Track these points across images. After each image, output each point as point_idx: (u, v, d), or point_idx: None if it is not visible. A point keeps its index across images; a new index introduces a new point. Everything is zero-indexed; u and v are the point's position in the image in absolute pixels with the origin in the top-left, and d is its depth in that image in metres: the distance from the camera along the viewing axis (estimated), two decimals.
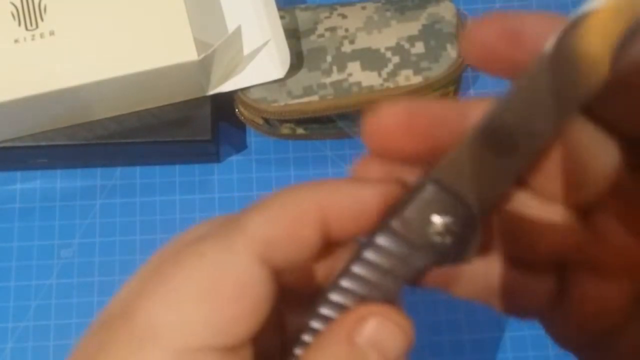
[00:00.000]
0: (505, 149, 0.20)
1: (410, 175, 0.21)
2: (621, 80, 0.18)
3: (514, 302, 0.23)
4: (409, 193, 0.20)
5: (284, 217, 0.20)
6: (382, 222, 0.20)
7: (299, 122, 0.48)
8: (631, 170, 0.20)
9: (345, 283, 0.20)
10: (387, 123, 0.20)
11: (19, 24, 0.44)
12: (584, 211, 0.21)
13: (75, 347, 0.20)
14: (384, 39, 0.47)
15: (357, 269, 0.20)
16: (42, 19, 0.44)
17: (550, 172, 0.20)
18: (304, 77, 0.46)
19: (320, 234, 0.20)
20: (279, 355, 0.22)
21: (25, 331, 0.47)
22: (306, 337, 0.21)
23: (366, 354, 0.19)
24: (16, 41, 0.43)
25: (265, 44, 0.47)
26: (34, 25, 0.44)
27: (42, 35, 0.43)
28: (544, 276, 0.22)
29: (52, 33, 0.44)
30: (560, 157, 0.20)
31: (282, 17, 0.47)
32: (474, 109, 0.21)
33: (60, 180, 0.50)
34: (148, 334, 0.19)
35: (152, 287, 0.19)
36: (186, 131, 0.46)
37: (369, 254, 0.20)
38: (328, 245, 0.21)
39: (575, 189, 0.20)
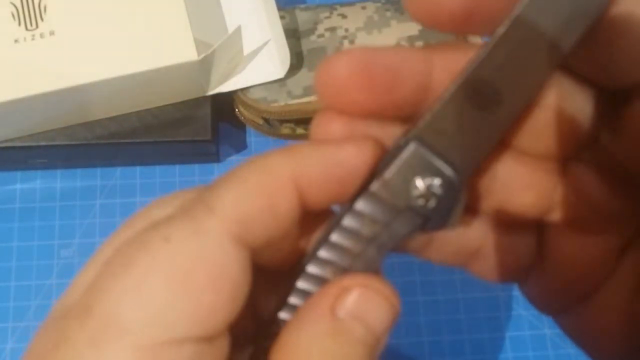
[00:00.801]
0: (490, 103, 0.18)
1: (378, 132, 0.19)
2: (602, 34, 0.18)
3: (493, 265, 0.21)
4: (389, 154, 0.19)
5: (255, 190, 0.18)
6: (362, 186, 0.19)
7: (299, 122, 0.48)
8: (607, 122, 0.19)
9: (323, 254, 0.19)
10: (340, 74, 0.18)
11: (19, 24, 0.44)
12: (563, 165, 0.20)
13: (29, 344, 0.18)
14: (384, 39, 0.46)
15: (335, 237, 0.19)
16: (42, 19, 0.44)
17: (528, 126, 0.19)
18: (304, 77, 0.46)
19: (297, 205, 0.18)
20: (252, 338, 0.20)
21: (25, 331, 0.47)
22: (283, 315, 0.19)
23: (351, 328, 0.18)
24: (16, 41, 0.43)
25: (265, 44, 0.46)
26: (34, 25, 0.44)
27: (42, 35, 0.43)
28: (523, 237, 0.21)
29: (52, 33, 0.43)
30: (538, 110, 0.19)
31: (282, 17, 0.47)
32: (440, 59, 0.19)
33: (60, 180, 0.50)
34: (112, 328, 0.16)
35: (113, 275, 0.17)
36: (186, 131, 0.46)
37: (348, 221, 0.19)
38: (304, 217, 0.19)
39: (553, 141, 0.20)
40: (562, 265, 0.21)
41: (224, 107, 0.49)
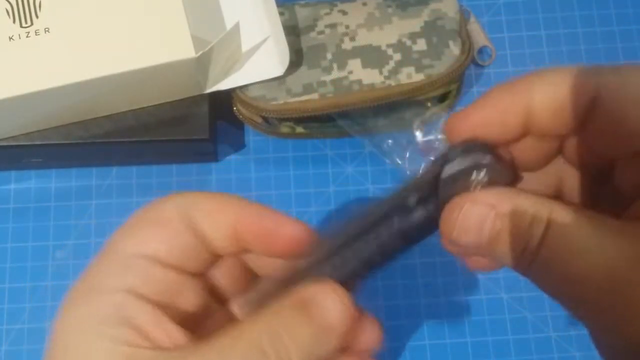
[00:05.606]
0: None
1: None
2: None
3: None
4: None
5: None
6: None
7: (299, 120, 0.48)
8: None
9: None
10: None
11: (14, 21, 0.43)
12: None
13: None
14: (385, 35, 0.46)
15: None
16: (37, 16, 0.43)
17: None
18: (304, 74, 0.45)
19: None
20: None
21: (19, 334, 0.47)
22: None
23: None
24: (10, 38, 0.43)
25: (264, 40, 0.46)
26: (28, 23, 0.43)
27: (37, 33, 0.43)
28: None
29: (47, 30, 0.43)
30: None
31: (281, 14, 0.46)
32: None
33: (55, 180, 0.50)
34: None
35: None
36: (183, 130, 0.45)
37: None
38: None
39: None
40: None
41: (222, 105, 0.48)
